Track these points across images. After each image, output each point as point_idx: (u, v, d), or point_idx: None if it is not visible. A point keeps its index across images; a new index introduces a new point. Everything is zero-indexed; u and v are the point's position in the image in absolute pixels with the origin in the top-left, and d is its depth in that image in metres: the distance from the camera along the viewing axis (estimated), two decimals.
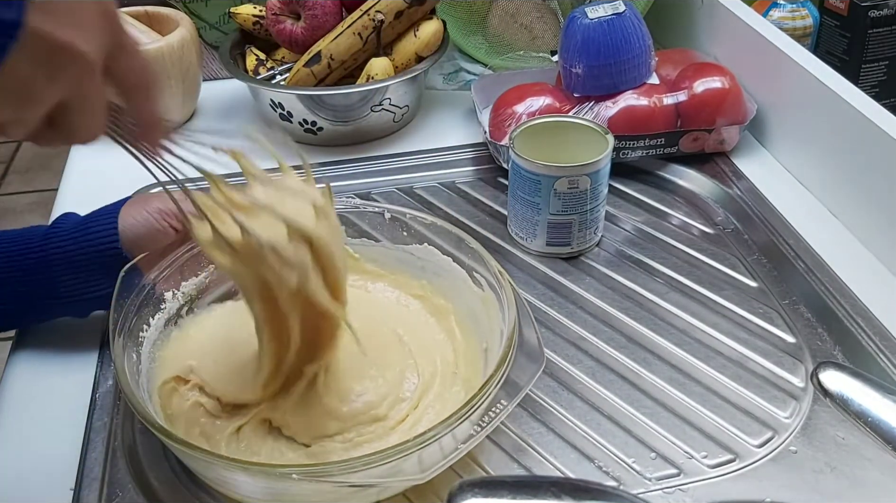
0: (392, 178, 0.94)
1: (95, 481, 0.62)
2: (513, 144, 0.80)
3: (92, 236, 0.68)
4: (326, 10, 0.98)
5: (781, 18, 1.05)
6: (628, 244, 0.85)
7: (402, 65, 0.99)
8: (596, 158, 0.78)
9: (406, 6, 0.96)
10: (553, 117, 0.85)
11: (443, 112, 1.05)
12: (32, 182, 2.57)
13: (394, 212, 0.74)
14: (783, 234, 0.83)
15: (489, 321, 0.67)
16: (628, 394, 0.68)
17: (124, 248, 0.68)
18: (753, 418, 0.66)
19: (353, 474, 0.53)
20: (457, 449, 0.56)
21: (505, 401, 0.58)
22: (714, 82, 0.91)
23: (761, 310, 0.76)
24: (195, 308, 0.71)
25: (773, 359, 0.71)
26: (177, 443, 0.55)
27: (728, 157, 0.94)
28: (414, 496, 0.60)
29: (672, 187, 0.92)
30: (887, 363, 0.69)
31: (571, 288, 0.79)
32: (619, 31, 0.88)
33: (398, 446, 0.53)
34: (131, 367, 0.61)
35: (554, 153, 0.79)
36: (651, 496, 0.60)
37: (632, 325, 0.75)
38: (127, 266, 0.65)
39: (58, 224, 0.71)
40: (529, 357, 0.61)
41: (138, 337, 0.64)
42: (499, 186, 0.93)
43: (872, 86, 1.07)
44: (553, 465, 0.63)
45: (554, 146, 0.81)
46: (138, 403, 0.57)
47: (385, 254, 0.76)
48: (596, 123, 0.82)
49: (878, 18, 1.03)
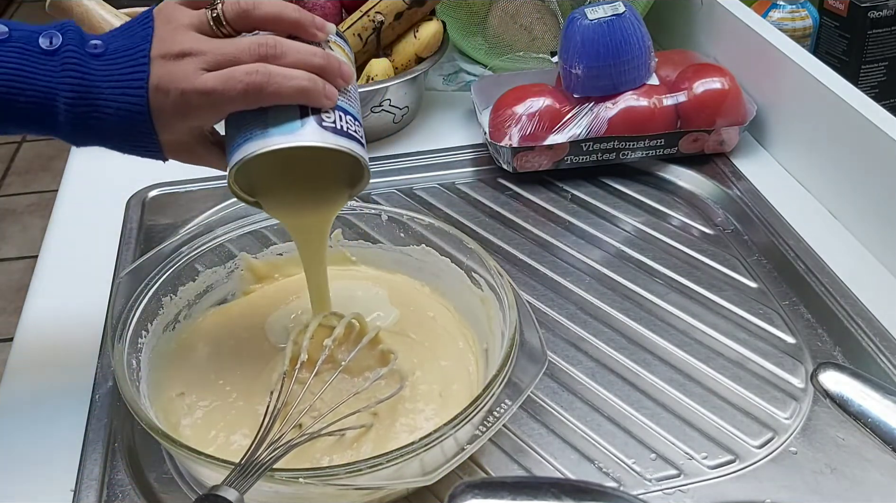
0: (392, 178, 0.94)
1: (95, 482, 0.62)
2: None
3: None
4: (326, 10, 0.98)
5: (781, 19, 1.05)
6: (628, 244, 0.85)
7: (402, 66, 0.99)
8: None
9: (406, 7, 0.96)
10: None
11: (443, 113, 1.05)
12: (32, 183, 2.57)
13: (391, 213, 0.74)
14: (783, 234, 0.83)
15: (489, 321, 0.67)
16: (628, 394, 0.68)
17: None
18: (753, 419, 0.66)
19: (359, 477, 0.53)
20: (462, 449, 0.56)
21: (508, 401, 0.58)
22: (714, 83, 0.91)
23: (761, 310, 0.76)
24: (193, 313, 0.71)
25: (773, 360, 0.71)
26: (180, 447, 0.55)
27: (728, 157, 0.94)
28: (414, 497, 0.60)
29: (672, 188, 0.92)
30: (887, 363, 0.69)
31: (571, 288, 0.79)
32: (618, 32, 0.88)
33: (402, 448, 0.53)
34: (131, 374, 0.61)
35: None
36: (651, 497, 0.60)
37: (632, 326, 0.75)
38: (125, 272, 0.65)
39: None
40: (531, 358, 0.61)
41: (137, 343, 0.64)
42: (499, 187, 0.93)
43: (872, 86, 1.07)
44: (553, 466, 0.63)
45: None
46: (140, 410, 0.57)
47: (383, 255, 0.76)
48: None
49: (878, 19, 1.03)
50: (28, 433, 0.66)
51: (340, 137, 0.57)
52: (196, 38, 0.56)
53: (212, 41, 0.56)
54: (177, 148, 0.59)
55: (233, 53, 0.55)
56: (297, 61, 0.56)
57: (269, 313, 0.72)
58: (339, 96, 0.58)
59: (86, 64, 0.54)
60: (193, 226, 0.85)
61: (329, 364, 0.63)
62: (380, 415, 0.62)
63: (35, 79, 0.54)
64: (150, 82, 0.54)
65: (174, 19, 0.57)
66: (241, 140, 0.56)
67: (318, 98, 0.56)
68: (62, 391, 0.69)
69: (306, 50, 0.57)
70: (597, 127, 0.89)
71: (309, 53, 0.57)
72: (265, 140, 0.55)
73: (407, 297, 0.74)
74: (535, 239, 0.86)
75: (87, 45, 0.55)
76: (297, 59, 0.56)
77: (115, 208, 0.89)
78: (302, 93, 0.56)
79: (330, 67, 0.57)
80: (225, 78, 0.55)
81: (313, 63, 0.57)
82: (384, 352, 0.65)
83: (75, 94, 0.54)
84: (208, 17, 0.57)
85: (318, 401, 0.60)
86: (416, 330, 0.70)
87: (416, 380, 0.65)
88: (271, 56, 0.56)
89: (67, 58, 0.54)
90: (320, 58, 0.57)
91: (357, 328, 0.66)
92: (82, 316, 0.75)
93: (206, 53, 0.55)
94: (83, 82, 0.54)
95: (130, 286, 0.67)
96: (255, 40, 0.56)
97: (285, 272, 0.76)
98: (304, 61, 0.56)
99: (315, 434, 0.57)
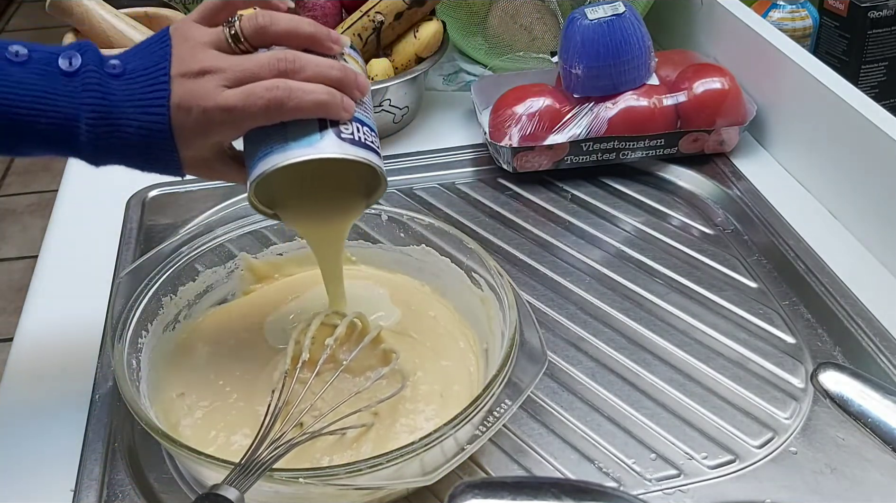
0: (392, 178, 0.93)
1: (95, 482, 0.62)
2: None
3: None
4: (326, 11, 0.98)
5: (781, 19, 1.05)
6: (628, 244, 0.85)
7: (402, 66, 0.99)
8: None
9: (406, 7, 0.96)
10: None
11: (443, 113, 1.05)
12: (32, 183, 2.57)
13: (391, 213, 0.74)
14: (783, 234, 0.83)
15: (489, 321, 0.67)
16: (628, 394, 0.68)
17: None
18: (753, 419, 0.66)
19: (359, 477, 0.53)
20: (462, 449, 0.56)
21: (508, 401, 0.58)
22: (714, 83, 0.91)
23: (761, 310, 0.76)
24: (193, 313, 0.71)
25: (773, 360, 0.71)
26: (180, 447, 0.55)
27: (728, 157, 0.94)
28: (414, 497, 0.60)
29: (672, 188, 0.92)
30: (887, 363, 0.69)
31: (571, 288, 0.79)
32: (618, 32, 0.88)
33: (402, 448, 0.53)
34: (131, 374, 0.61)
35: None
36: (651, 497, 0.60)
37: (632, 326, 0.75)
38: (125, 272, 0.65)
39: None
40: (531, 358, 0.61)
41: (137, 343, 0.64)
42: (499, 187, 0.93)
43: (872, 86, 1.07)
44: (553, 466, 0.63)
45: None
46: (140, 410, 0.57)
47: (383, 255, 0.76)
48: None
49: (878, 19, 1.03)
50: (28, 433, 0.66)
51: (359, 148, 0.57)
52: (215, 55, 0.56)
53: (230, 58, 0.57)
54: (195, 164, 0.59)
55: (252, 69, 0.56)
56: (316, 75, 0.57)
57: (269, 313, 0.72)
58: (355, 108, 0.58)
59: (106, 84, 0.55)
60: (193, 226, 0.85)
61: (331, 363, 0.63)
62: (380, 415, 0.62)
63: (57, 100, 0.54)
64: (171, 101, 0.55)
65: (191, 37, 0.57)
66: (261, 154, 0.57)
67: (336, 111, 0.57)
68: (62, 391, 0.69)
69: (324, 63, 0.57)
70: (597, 127, 0.89)
71: (327, 67, 0.57)
72: (285, 153, 0.56)
73: (408, 297, 0.74)
74: (535, 239, 0.86)
75: (106, 65, 0.55)
76: (315, 73, 0.57)
77: (115, 208, 0.89)
78: (321, 106, 0.56)
79: (347, 80, 0.58)
80: (246, 94, 0.55)
81: (331, 76, 0.57)
82: (386, 351, 0.65)
83: (97, 114, 0.54)
84: (226, 35, 0.57)
85: (320, 400, 0.60)
86: (418, 329, 0.70)
87: (418, 380, 0.65)
88: (290, 71, 0.56)
89: (88, 79, 0.54)
90: (338, 70, 0.58)
91: (359, 327, 0.66)
92: (82, 316, 0.75)
93: (225, 70, 0.55)
94: (104, 102, 0.54)
95: (130, 286, 0.67)
96: (273, 55, 0.57)
97: (285, 272, 0.76)
98: (322, 75, 0.57)
99: (316, 433, 0.57)
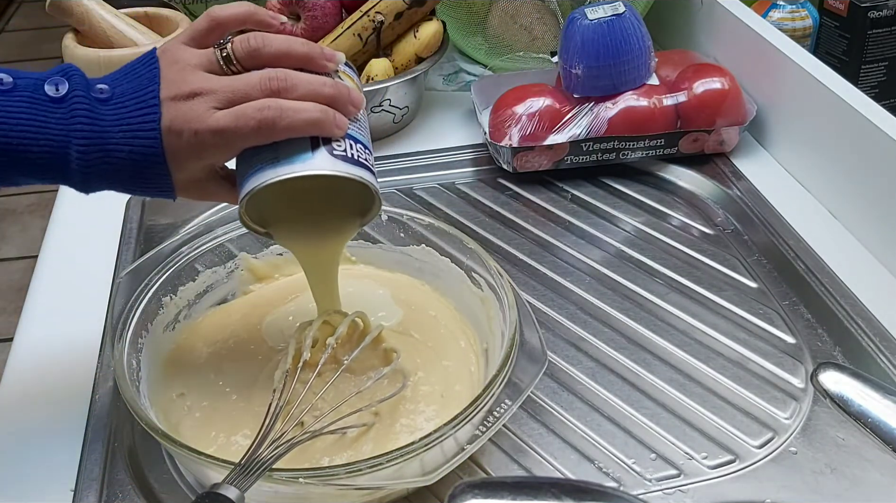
0: (392, 179, 0.94)
1: (95, 482, 0.61)
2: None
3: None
4: (326, 11, 0.98)
5: (781, 19, 1.05)
6: (628, 244, 0.85)
7: (402, 66, 0.99)
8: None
9: (406, 7, 0.96)
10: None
11: (443, 113, 1.05)
12: None
13: (391, 213, 0.74)
14: (783, 234, 0.83)
15: (489, 321, 0.67)
16: (628, 394, 0.68)
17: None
18: (753, 419, 0.66)
19: (359, 477, 0.53)
20: (463, 449, 0.56)
21: (508, 401, 0.58)
22: (714, 83, 0.91)
23: (761, 310, 0.76)
24: (193, 313, 0.71)
25: (773, 360, 0.71)
26: (180, 447, 0.55)
27: (728, 157, 0.94)
28: (414, 497, 0.60)
29: (672, 188, 0.92)
30: (887, 363, 0.69)
31: (571, 288, 0.79)
32: (618, 32, 0.88)
33: (402, 448, 0.53)
34: (131, 374, 0.61)
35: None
36: (651, 497, 0.60)
37: (632, 326, 0.75)
38: (125, 272, 0.65)
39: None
40: (531, 358, 0.61)
41: (137, 343, 0.64)
42: (498, 187, 0.93)
43: (872, 86, 1.07)
44: (553, 466, 0.63)
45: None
46: (140, 410, 0.57)
47: (384, 255, 0.76)
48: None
49: (878, 19, 1.03)
50: (28, 433, 0.66)
51: (351, 165, 0.57)
52: (205, 77, 0.56)
53: (221, 79, 0.56)
54: (188, 186, 0.59)
55: (243, 90, 0.55)
56: (308, 93, 0.56)
57: (268, 313, 0.72)
58: (349, 124, 0.58)
59: (95, 110, 0.54)
60: (193, 226, 0.85)
61: (332, 363, 0.63)
62: (381, 415, 0.62)
63: (47, 128, 0.53)
64: (162, 124, 0.54)
65: (180, 59, 0.57)
66: (251, 172, 0.56)
67: (329, 128, 0.56)
68: (62, 391, 0.69)
69: (316, 81, 0.57)
70: (597, 127, 0.89)
71: (319, 84, 0.57)
72: (276, 170, 0.56)
73: (409, 297, 0.74)
74: (535, 239, 0.86)
75: (93, 89, 0.55)
76: (307, 91, 0.56)
77: (115, 208, 0.89)
78: (313, 124, 0.56)
79: (340, 97, 0.57)
80: (237, 115, 0.55)
81: (324, 93, 0.57)
82: (387, 351, 0.65)
83: (88, 140, 0.54)
84: (218, 57, 0.57)
85: (320, 400, 0.60)
86: (419, 329, 0.70)
87: (419, 380, 0.65)
88: (282, 90, 0.56)
89: (76, 105, 0.54)
90: (330, 87, 0.57)
91: (360, 327, 0.66)
92: (82, 316, 0.75)
93: (216, 92, 0.55)
94: (94, 128, 0.54)
95: (130, 286, 0.67)
96: (264, 75, 0.56)
97: (285, 272, 0.76)
98: (314, 92, 0.56)
99: (317, 432, 0.57)
